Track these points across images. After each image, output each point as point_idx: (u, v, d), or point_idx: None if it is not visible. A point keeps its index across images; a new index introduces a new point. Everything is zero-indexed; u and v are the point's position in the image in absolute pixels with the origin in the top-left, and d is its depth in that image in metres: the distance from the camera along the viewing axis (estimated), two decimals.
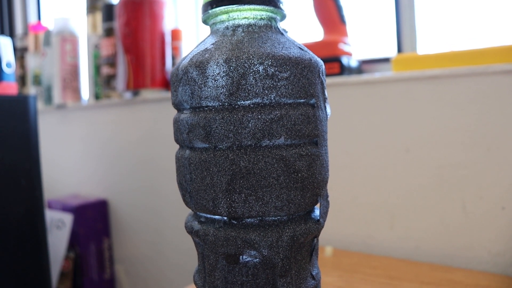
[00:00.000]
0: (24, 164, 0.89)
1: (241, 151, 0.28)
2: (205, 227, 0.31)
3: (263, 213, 0.29)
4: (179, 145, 0.33)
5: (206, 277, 0.31)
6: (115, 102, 1.22)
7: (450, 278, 0.67)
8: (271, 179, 0.28)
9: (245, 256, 0.30)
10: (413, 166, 0.77)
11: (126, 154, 1.25)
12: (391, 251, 0.80)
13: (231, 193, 0.29)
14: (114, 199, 1.30)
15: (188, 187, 0.31)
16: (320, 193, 0.31)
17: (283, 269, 0.30)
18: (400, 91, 0.78)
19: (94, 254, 1.25)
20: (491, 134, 0.70)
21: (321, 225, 0.32)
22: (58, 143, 1.49)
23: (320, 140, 0.31)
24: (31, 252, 0.90)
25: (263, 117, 0.28)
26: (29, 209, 0.90)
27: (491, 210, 0.71)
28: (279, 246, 0.29)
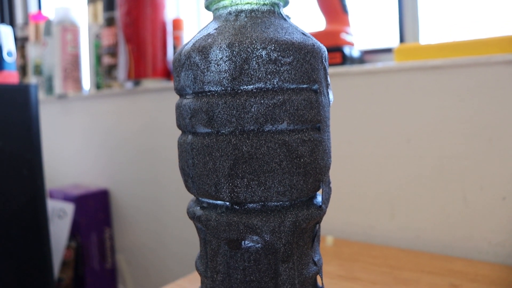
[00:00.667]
0: (26, 153, 0.89)
1: (244, 136, 0.28)
2: (207, 212, 0.31)
3: (265, 198, 0.29)
4: (182, 130, 0.33)
5: (208, 263, 0.32)
6: (116, 92, 1.22)
7: (450, 268, 0.67)
8: (273, 164, 0.28)
9: (247, 241, 0.30)
10: (414, 156, 0.77)
11: (128, 144, 1.25)
12: (392, 241, 0.80)
13: (234, 178, 0.29)
14: (115, 189, 1.30)
15: (190, 172, 0.31)
16: (322, 179, 0.31)
17: (285, 254, 0.30)
18: (402, 81, 0.77)
19: (96, 244, 1.26)
20: (493, 125, 0.70)
21: (323, 211, 0.32)
22: (59, 133, 1.49)
23: (323, 126, 0.31)
24: (33, 241, 0.91)
25: (266, 102, 0.28)
26: (31, 199, 0.90)
27: (491, 201, 0.71)
28: (281, 231, 0.29)
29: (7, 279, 0.87)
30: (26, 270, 0.90)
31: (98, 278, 1.26)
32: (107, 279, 1.29)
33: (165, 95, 1.11)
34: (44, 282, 0.93)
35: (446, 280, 0.63)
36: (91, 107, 1.33)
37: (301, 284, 0.32)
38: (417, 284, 0.62)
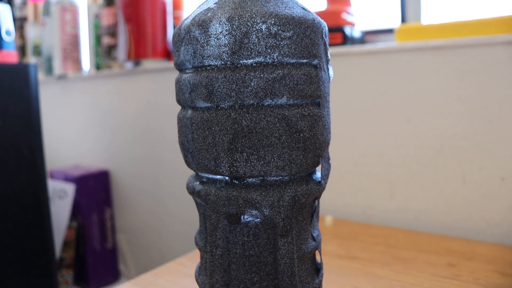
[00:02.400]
0: (26, 133, 0.89)
1: (243, 110, 0.28)
2: (207, 187, 0.31)
3: (264, 173, 0.29)
4: (181, 105, 0.33)
5: (207, 237, 0.32)
6: (116, 72, 1.21)
7: (448, 247, 0.68)
8: (273, 138, 0.28)
9: (247, 216, 0.30)
10: (414, 136, 0.77)
11: (128, 124, 1.25)
12: (391, 221, 0.81)
13: (233, 152, 0.29)
14: (115, 170, 1.31)
15: (190, 147, 0.31)
16: (321, 154, 0.31)
17: (284, 229, 0.30)
18: (402, 61, 0.77)
19: (96, 224, 1.27)
20: (493, 106, 0.70)
21: (323, 186, 0.32)
22: (59, 114, 1.49)
23: (323, 101, 0.31)
24: (34, 220, 0.91)
25: (266, 76, 0.28)
26: (31, 178, 0.91)
27: (490, 181, 0.72)
28: (280, 206, 0.29)
29: (9, 259, 0.88)
30: (28, 250, 0.91)
31: (99, 257, 1.27)
32: (108, 259, 1.30)
33: (165, 75, 1.11)
34: (45, 261, 0.94)
35: (444, 259, 0.64)
36: (91, 87, 1.33)
37: (300, 259, 0.32)
38: (415, 263, 0.63)
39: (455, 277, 0.58)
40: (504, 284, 0.55)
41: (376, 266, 0.62)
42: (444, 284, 0.56)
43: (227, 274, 0.32)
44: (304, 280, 0.33)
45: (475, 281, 0.57)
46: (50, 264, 0.95)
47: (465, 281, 0.57)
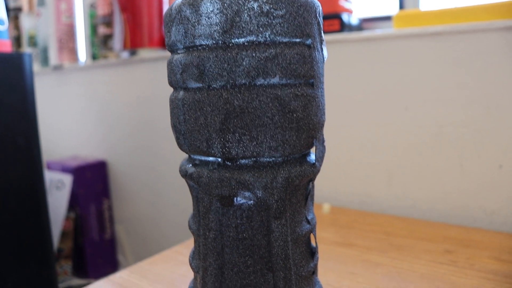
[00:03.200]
0: (21, 122, 0.88)
1: (235, 90, 0.28)
2: (199, 169, 0.31)
3: (257, 154, 0.29)
4: (173, 87, 0.32)
5: (200, 221, 0.32)
6: (112, 62, 1.21)
7: (445, 234, 0.68)
8: (265, 118, 0.28)
9: (239, 198, 0.30)
10: (411, 124, 0.77)
11: (124, 114, 1.24)
12: (388, 209, 0.81)
13: (225, 132, 0.28)
14: (113, 160, 1.30)
15: (181, 129, 0.31)
16: (315, 136, 0.31)
17: (278, 211, 0.29)
18: (400, 48, 0.76)
19: (94, 215, 1.26)
20: (491, 92, 0.69)
21: (317, 168, 0.32)
22: (55, 105, 1.48)
23: (316, 82, 0.30)
24: (31, 211, 0.91)
25: (258, 55, 0.28)
26: (28, 169, 0.90)
27: (488, 169, 0.71)
28: (273, 187, 0.29)
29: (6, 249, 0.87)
30: (25, 240, 0.90)
31: (98, 248, 1.27)
32: (107, 249, 1.30)
33: (161, 65, 1.10)
34: (43, 252, 0.94)
35: (441, 246, 0.64)
36: (87, 78, 1.32)
37: (294, 241, 0.32)
38: (412, 250, 0.63)
39: (451, 263, 0.58)
40: (500, 270, 0.55)
41: (373, 253, 0.62)
42: (441, 270, 0.56)
43: (221, 257, 0.31)
44: (298, 264, 0.33)
45: (471, 266, 0.57)
46: (48, 255, 0.95)
47: (461, 267, 0.57)
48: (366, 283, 0.54)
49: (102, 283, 0.57)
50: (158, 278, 0.57)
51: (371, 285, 0.53)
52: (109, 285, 0.56)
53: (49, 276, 0.95)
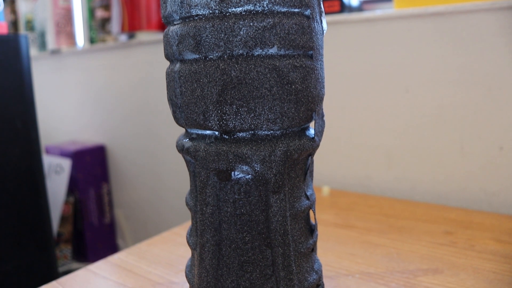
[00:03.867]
0: (18, 105, 0.87)
1: (232, 61, 0.27)
2: (196, 143, 0.30)
3: (255, 126, 0.28)
4: (170, 60, 0.32)
5: (197, 196, 0.31)
6: (110, 46, 1.19)
7: (445, 216, 0.67)
8: (263, 89, 0.27)
9: (237, 172, 0.29)
10: (412, 106, 0.76)
11: (123, 98, 1.23)
12: (388, 191, 0.81)
13: (222, 104, 0.28)
14: (112, 144, 1.30)
15: (178, 102, 0.30)
16: (315, 109, 0.30)
17: (276, 185, 0.29)
18: (401, 29, 0.75)
19: (94, 199, 1.26)
20: (493, 73, 0.68)
21: (316, 143, 0.31)
22: (54, 89, 1.47)
23: (316, 54, 0.30)
24: (30, 194, 0.91)
25: (255, 25, 0.27)
26: (26, 152, 0.90)
27: (488, 150, 0.71)
28: (272, 161, 0.28)
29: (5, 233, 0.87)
30: (24, 224, 0.90)
31: (97, 232, 1.27)
32: (106, 234, 1.30)
33: (160, 48, 1.09)
34: (43, 236, 0.94)
35: (441, 227, 0.63)
36: (85, 62, 1.31)
37: (293, 217, 0.31)
38: (412, 232, 0.62)
39: (451, 244, 0.58)
40: (499, 251, 0.55)
41: (373, 235, 0.62)
42: (441, 251, 0.56)
43: (218, 233, 0.31)
44: (297, 240, 0.32)
45: (471, 247, 0.56)
46: (47, 239, 0.95)
47: (461, 248, 0.57)
48: (366, 264, 0.54)
49: (100, 264, 0.57)
50: (157, 259, 0.57)
51: (371, 265, 0.53)
52: (107, 266, 0.56)
53: (48, 260, 0.95)
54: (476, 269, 0.51)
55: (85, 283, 0.52)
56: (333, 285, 0.49)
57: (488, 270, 0.51)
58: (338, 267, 0.53)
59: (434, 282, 0.48)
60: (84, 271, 0.55)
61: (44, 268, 0.93)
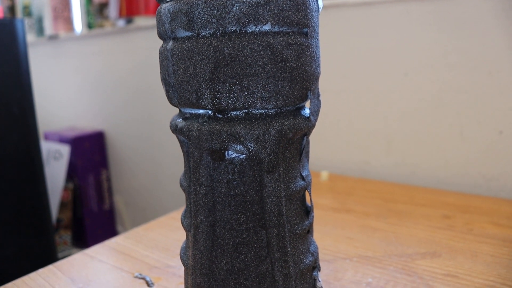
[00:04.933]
0: (15, 91, 0.87)
1: (225, 38, 0.27)
2: (189, 122, 0.30)
3: (249, 105, 0.27)
4: (162, 39, 0.31)
5: (191, 176, 0.31)
6: (108, 31, 1.18)
7: (443, 200, 0.67)
8: (257, 67, 0.27)
9: (231, 151, 0.29)
10: (411, 90, 0.75)
11: (122, 84, 1.23)
12: (387, 176, 0.80)
13: (215, 82, 0.27)
14: (111, 130, 1.29)
15: (171, 81, 0.29)
16: (310, 88, 0.29)
17: (270, 164, 0.29)
18: (400, 12, 0.74)
19: (93, 185, 1.26)
20: (493, 57, 0.68)
21: (312, 122, 0.31)
22: (52, 75, 1.46)
23: (311, 31, 0.29)
24: (29, 179, 0.90)
25: (248, 1, 0.26)
26: (24, 137, 0.89)
27: (488, 135, 0.70)
28: (266, 140, 0.28)
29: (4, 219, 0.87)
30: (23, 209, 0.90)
31: (97, 219, 1.27)
32: (106, 220, 1.30)
33: None
34: (42, 221, 0.94)
35: (439, 212, 0.63)
36: (83, 47, 1.30)
37: (288, 198, 0.31)
38: (411, 216, 0.62)
39: (449, 228, 0.58)
40: (497, 234, 0.55)
41: (371, 219, 0.62)
42: (439, 235, 0.56)
43: (212, 214, 0.31)
44: (292, 221, 0.32)
45: (469, 231, 0.56)
46: (46, 224, 0.95)
47: (459, 231, 0.56)
48: (363, 247, 0.53)
49: (97, 248, 0.57)
50: (153, 243, 0.57)
51: (368, 249, 0.53)
52: (104, 250, 0.56)
53: (48, 246, 0.95)
54: (474, 253, 0.51)
55: (82, 266, 0.52)
56: (331, 268, 0.49)
57: (486, 253, 0.50)
58: (336, 251, 0.53)
59: (432, 265, 0.48)
60: (81, 255, 0.55)
61: (43, 253, 0.93)
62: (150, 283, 0.47)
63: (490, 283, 0.44)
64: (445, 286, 0.44)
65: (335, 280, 0.46)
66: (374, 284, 0.45)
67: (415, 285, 0.44)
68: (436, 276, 0.46)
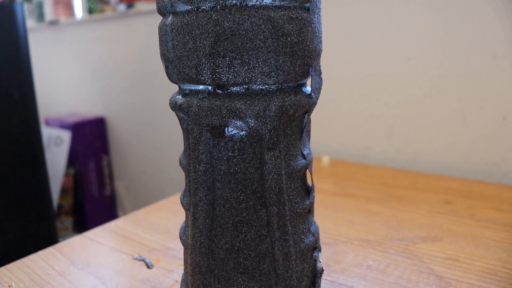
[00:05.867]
0: (15, 74, 0.86)
1: (226, 11, 0.26)
2: (189, 98, 0.29)
3: (249, 80, 0.27)
4: (162, 14, 0.31)
5: (190, 154, 0.30)
6: (109, 16, 1.17)
7: (445, 186, 0.67)
8: (257, 41, 0.26)
9: (231, 128, 0.28)
10: (414, 75, 0.75)
11: (122, 69, 1.22)
12: (389, 162, 0.80)
13: (215, 57, 0.27)
14: (111, 116, 1.29)
15: (170, 56, 0.29)
16: (311, 64, 0.29)
17: (271, 141, 0.28)
18: None
19: (94, 171, 1.26)
20: (498, 40, 0.67)
21: (313, 100, 0.30)
22: (53, 61, 1.46)
23: (312, 6, 0.28)
24: (29, 163, 0.90)
25: None
26: (24, 122, 0.89)
27: (491, 120, 0.70)
28: (266, 116, 0.27)
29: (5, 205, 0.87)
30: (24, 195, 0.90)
31: (98, 204, 1.27)
32: (107, 206, 1.30)
33: (159, 17, 1.07)
34: (42, 206, 0.94)
35: (441, 197, 0.63)
36: (84, 33, 1.29)
37: (289, 176, 0.30)
38: (412, 200, 0.62)
39: (451, 213, 0.57)
40: (499, 219, 0.55)
41: (372, 203, 0.61)
42: (440, 220, 0.56)
43: (212, 192, 0.30)
44: (293, 200, 0.31)
45: (471, 216, 0.56)
46: (47, 209, 0.95)
47: (461, 216, 0.56)
48: (364, 231, 0.53)
49: (97, 231, 0.56)
50: (153, 226, 0.57)
51: (369, 233, 0.53)
52: (104, 232, 0.56)
53: (49, 231, 0.95)
54: (476, 237, 0.50)
55: (82, 248, 0.51)
56: (331, 251, 0.48)
57: (488, 238, 0.50)
58: (337, 234, 0.52)
59: (433, 249, 0.48)
60: (81, 237, 0.55)
61: (44, 238, 0.93)
62: (150, 265, 0.47)
63: (491, 266, 0.44)
64: (446, 269, 0.44)
65: (335, 263, 0.46)
66: (374, 266, 0.45)
67: (415, 268, 0.44)
68: (437, 260, 0.46)
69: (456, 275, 0.43)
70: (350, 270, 0.44)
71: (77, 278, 0.45)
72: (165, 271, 0.45)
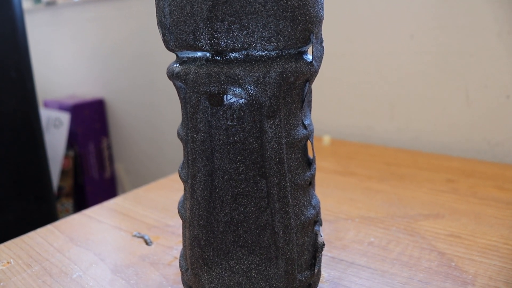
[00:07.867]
0: (12, 54, 0.85)
1: None
2: (186, 66, 0.28)
3: (248, 45, 0.26)
4: None
5: (188, 123, 0.30)
6: None
7: (448, 165, 0.66)
8: (257, 4, 0.25)
9: (230, 96, 0.28)
10: (416, 53, 0.73)
11: (121, 50, 1.20)
12: (390, 141, 0.79)
13: (213, 21, 0.26)
14: (111, 98, 1.28)
15: (167, 22, 0.28)
16: (313, 30, 0.28)
17: (271, 109, 0.27)
18: None
19: (94, 153, 1.26)
20: (503, 17, 0.65)
21: (314, 68, 0.29)
22: (50, 43, 1.44)
23: None
24: (29, 146, 0.90)
25: None
26: (22, 103, 0.88)
27: (495, 99, 0.69)
28: (266, 83, 0.27)
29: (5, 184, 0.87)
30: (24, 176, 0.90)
31: (98, 186, 1.27)
32: (107, 188, 1.30)
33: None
34: (42, 188, 0.94)
35: (443, 176, 0.62)
36: (81, 13, 1.27)
37: (289, 145, 0.30)
38: (414, 179, 0.61)
39: (453, 191, 0.57)
40: (501, 197, 0.54)
41: (373, 182, 0.61)
42: (442, 198, 0.55)
43: (210, 162, 0.30)
44: (294, 171, 0.31)
45: (473, 194, 0.55)
46: (47, 191, 0.95)
47: (463, 194, 0.56)
48: (366, 208, 0.53)
49: (96, 209, 0.56)
50: (152, 204, 0.56)
51: (371, 210, 0.52)
52: (103, 210, 0.56)
53: (49, 213, 0.95)
54: (478, 215, 0.50)
55: (80, 226, 0.51)
56: (332, 228, 0.48)
57: (490, 215, 0.50)
58: (338, 212, 0.52)
59: (435, 226, 0.48)
60: (79, 215, 0.54)
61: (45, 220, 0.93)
62: (149, 242, 0.46)
63: (493, 243, 0.44)
64: (448, 246, 0.43)
65: (336, 240, 0.45)
66: (376, 243, 0.44)
67: (417, 245, 0.44)
68: (438, 237, 0.45)
69: (458, 252, 0.42)
70: (351, 247, 0.44)
71: (76, 254, 0.44)
72: (164, 248, 0.45)
